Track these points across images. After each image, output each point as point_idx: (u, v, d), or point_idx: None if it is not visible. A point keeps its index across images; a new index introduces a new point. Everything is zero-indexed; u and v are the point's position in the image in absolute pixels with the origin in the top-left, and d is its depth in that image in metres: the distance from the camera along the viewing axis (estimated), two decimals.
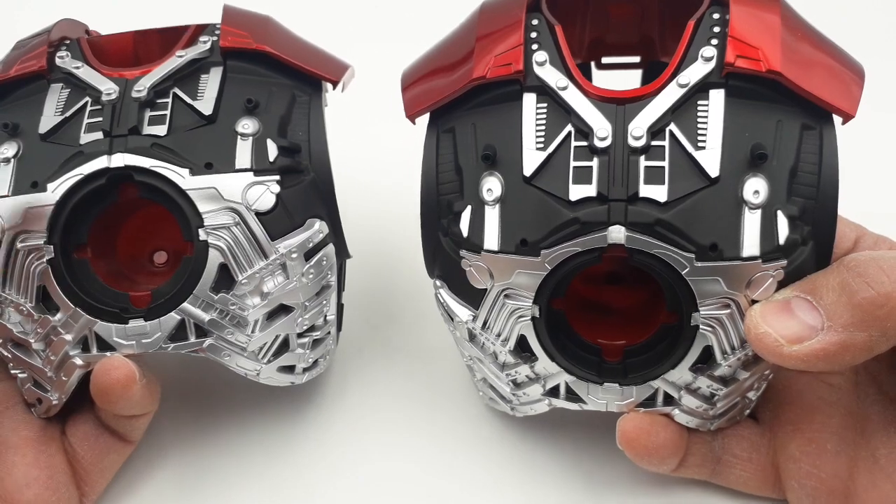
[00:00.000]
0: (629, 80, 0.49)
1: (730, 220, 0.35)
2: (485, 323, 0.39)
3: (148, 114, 0.39)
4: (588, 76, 0.50)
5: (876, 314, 0.33)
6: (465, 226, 0.38)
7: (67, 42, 0.43)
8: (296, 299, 0.40)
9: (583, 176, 0.36)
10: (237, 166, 0.38)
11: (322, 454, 0.46)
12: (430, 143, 0.40)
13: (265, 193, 0.38)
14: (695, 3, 0.39)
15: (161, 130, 0.39)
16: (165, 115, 0.39)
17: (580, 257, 0.36)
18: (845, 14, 0.68)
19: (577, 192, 0.35)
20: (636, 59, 0.50)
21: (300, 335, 0.42)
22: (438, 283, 0.41)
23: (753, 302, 0.36)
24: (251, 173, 0.38)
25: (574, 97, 0.37)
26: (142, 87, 0.39)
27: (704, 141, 0.35)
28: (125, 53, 0.46)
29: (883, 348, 0.34)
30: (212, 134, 0.39)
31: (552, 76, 0.37)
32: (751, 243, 0.35)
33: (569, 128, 0.36)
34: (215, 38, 0.42)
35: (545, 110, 0.37)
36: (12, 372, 0.42)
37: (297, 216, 0.40)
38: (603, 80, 0.46)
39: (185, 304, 0.38)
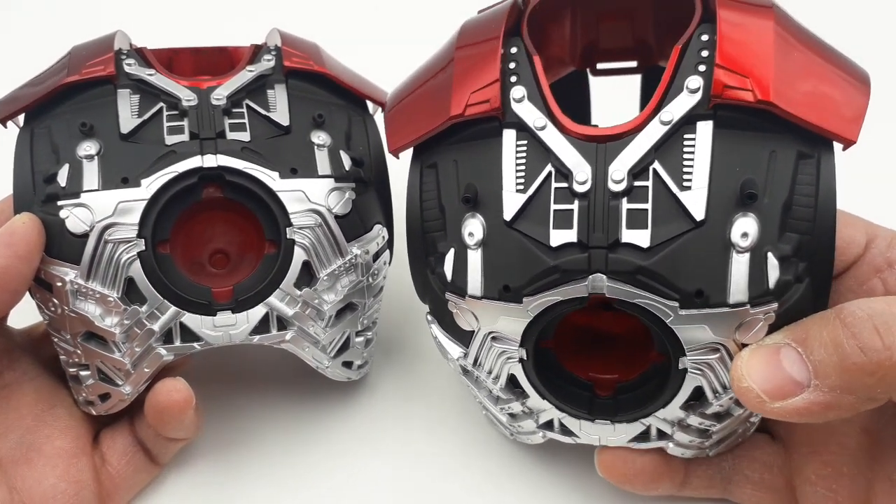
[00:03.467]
0: (628, 85, 0.49)
1: (716, 265, 0.33)
2: (475, 360, 0.40)
3: (228, 121, 0.42)
4: (585, 81, 0.49)
5: (865, 381, 0.32)
6: (448, 269, 0.37)
7: (125, 51, 0.44)
8: (361, 297, 0.44)
9: (563, 220, 0.35)
10: (320, 173, 0.42)
11: (324, 463, 0.47)
12: (413, 178, 0.39)
13: (344, 198, 0.42)
14: (685, 7, 0.38)
15: (245, 136, 0.41)
16: (245, 122, 0.42)
17: (563, 305, 0.35)
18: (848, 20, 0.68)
19: (557, 237, 0.34)
20: (633, 63, 0.48)
21: (358, 333, 0.45)
22: (430, 317, 0.41)
23: (744, 345, 0.35)
24: (332, 180, 0.42)
25: (552, 137, 0.35)
26: (220, 96, 0.42)
27: (690, 180, 0.34)
28: (163, 66, 0.48)
29: (870, 407, 0.33)
30: (291, 143, 0.42)
31: (530, 115, 0.36)
32: (738, 289, 0.34)
33: (549, 168, 0.35)
34: (276, 57, 0.45)
35: (525, 148, 0.36)
36: (70, 370, 0.42)
37: (367, 221, 0.43)
38: (601, 86, 0.46)
39: (272, 299, 0.41)
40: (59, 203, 0.39)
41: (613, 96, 0.47)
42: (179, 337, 0.41)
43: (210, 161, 0.40)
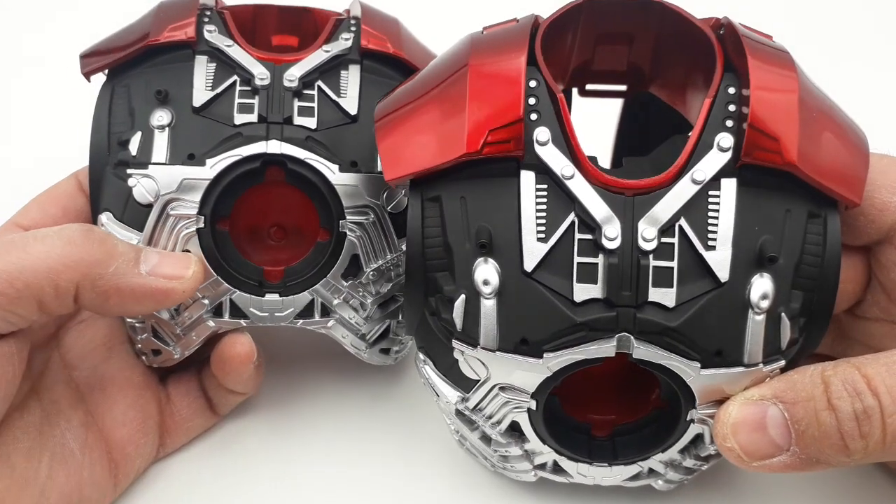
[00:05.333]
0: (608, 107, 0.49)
1: (735, 325, 0.34)
2: (476, 406, 0.38)
3: (297, 104, 0.42)
4: (569, 101, 0.46)
5: (841, 459, 0.34)
6: (458, 316, 0.35)
7: (209, 12, 0.45)
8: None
9: (588, 274, 0.34)
10: (379, 169, 0.42)
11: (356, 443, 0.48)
12: (414, 212, 0.36)
13: (400, 196, 0.42)
14: (690, 41, 0.38)
15: (311, 123, 0.42)
16: (313, 107, 0.42)
17: (584, 363, 0.35)
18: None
19: (581, 292, 0.34)
20: (622, 87, 0.47)
21: (398, 323, 0.46)
22: (423, 357, 0.39)
23: None
24: None
25: (581, 187, 0.34)
26: (293, 77, 0.42)
27: (714, 240, 0.34)
28: (244, 25, 0.48)
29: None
30: (356, 133, 0.43)
31: (557, 161, 0.34)
32: (754, 350, 0.34)
33: (572, 217, 0.34)
34: (354, 35, 0.45)
35: (545, 193, 0.35)
36: (128, 321, 0.44)
37: None
38: (585, 106, 0.46)
39: (318, 287, 0.42)
40: (129, 171, 0.41)
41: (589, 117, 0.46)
42: (228, 312, 0.42)
43: (274, 147, 0.41)
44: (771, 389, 0.35)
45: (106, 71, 0.44)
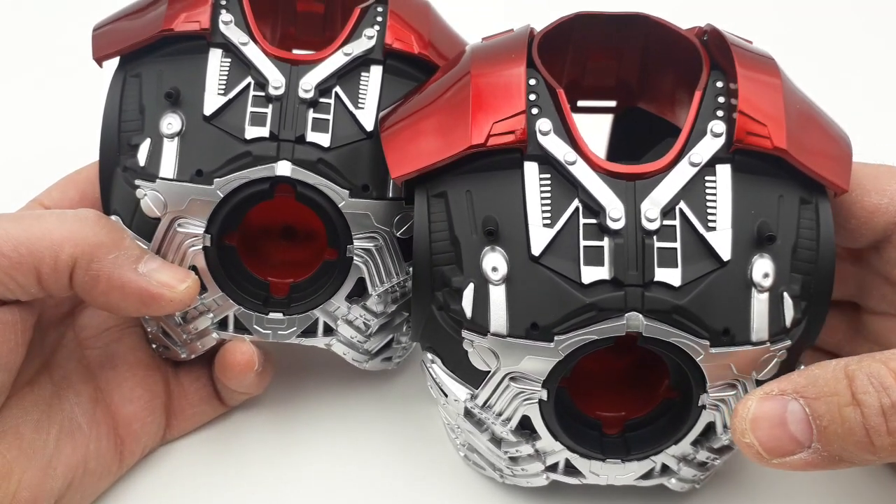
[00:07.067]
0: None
1: (740, 304, 0.35)
2: (485, 402, 0.38)
3: (311, 115, 0.40)
4: None
5: (865, 458, 0.33)
6: (468, 305, 0.36)
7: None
8: (409, 309, 0.45)
9: (594, 257, 0.35)
10: (391, 195, 0.41)
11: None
12: (421, 208, 0.37)
13: (410, 223, 0.41)
14: (676, 52, 0.40)
15: (324, 140, 0.40)
16: (328, 120, 0.40)
17: (593, 344, 0.35)
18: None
19: (589, 274, 0.35)
20: (612, 103, 0.49)
21: (402, 334, 0.46)
22: (430, 356, 0.39)
23: (757, 382, 0.36)
24: (402, 202, 0.41)
25: (583, 173, 0.35)
26: (309, 87, 0.40)
27: (714, 221, 0.35)
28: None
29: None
30: (369, 152, 0.41)
31: (559, 149, 0.36)
32: (760, 327, 0.35)
33: (576, 203, 0.35)
34: (379, 32, 0.42)
35: (549, 181, 0.36)
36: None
37: None
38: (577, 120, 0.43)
39: (323, 307, 0.42)
40: (137, 182, 0.40)
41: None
42: (233, 326, 0.43)
43: (284, 169, 0.39)
44: (791, 384, 0.34)
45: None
